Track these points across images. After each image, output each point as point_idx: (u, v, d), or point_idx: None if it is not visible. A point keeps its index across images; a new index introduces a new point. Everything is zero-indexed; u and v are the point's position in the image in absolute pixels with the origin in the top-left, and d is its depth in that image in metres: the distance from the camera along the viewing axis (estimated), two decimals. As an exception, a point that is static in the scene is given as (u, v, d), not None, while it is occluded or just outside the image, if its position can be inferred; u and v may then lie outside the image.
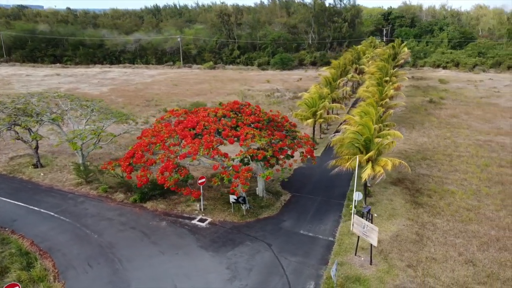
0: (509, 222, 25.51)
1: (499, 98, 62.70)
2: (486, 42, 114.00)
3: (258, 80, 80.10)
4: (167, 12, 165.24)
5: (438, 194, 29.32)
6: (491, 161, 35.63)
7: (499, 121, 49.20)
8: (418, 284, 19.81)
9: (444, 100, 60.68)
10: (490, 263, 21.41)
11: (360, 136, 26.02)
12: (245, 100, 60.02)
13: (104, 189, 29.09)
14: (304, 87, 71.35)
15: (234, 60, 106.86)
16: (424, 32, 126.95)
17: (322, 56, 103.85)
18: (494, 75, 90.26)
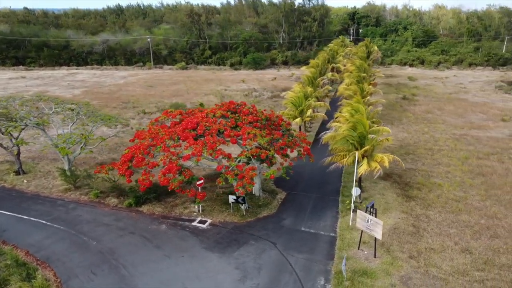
0: (495, 211, 26.88)
1: (466, 94, 65.70)
2: (448, 41, 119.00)
3: (233, 80, 79.99)
4: (131, 12, 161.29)
5: (426, 187, 30.45)
6: (470, 153, 37.36)
7: (470, 116, 51.58)
8: (422, 274, 20.55)
9: (417, 96, 62.92)
10: (485, 251, 22.52)
11: (354, 132, 26.60)
12: (223, 100, 59.96)
13: (96, 194, 28.27)
14: (280, 86, 72.05)
15: (206, 60, 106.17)
16: (390, 31, 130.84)
17: (294, 55, 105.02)
18: (458, 72, 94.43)
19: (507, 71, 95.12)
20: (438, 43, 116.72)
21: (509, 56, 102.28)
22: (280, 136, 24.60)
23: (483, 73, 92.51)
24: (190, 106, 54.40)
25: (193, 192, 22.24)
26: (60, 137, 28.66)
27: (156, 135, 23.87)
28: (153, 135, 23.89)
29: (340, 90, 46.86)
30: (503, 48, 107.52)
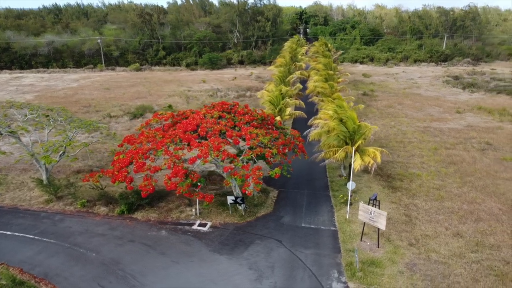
0: (474, 196, 28.91)
1: (419, 89, 69.70)
2: (393, 39, 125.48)
3: (193, 81, 78.92)
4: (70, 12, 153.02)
5: (407, 178, 32.06)
6: (438, 144, 39.78)
7: (428, 109, 54.83)
8: (424, 259, 21.69)
9: (375, 92, 65.76)
10: (474, 233, 24.19)
11: (344, 128, 27.43)
12: (189, 100, 59.16)
13: (82, 204, 26.84)
14: (243, 85, 72.19)
15: (160, 61, 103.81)
16: (338, 30, 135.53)
17: (249, 54, 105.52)
18: (405, 68, 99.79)
19: (448, 66, 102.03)
20: (384, 41, 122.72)
21: (449, 53, 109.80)
22: (277, 135, 24.77)
23: (428, 68, 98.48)
24: (157, 108, 53.16)
25: (201, 195, 21.80)
26: (43, 145, 26.80)
27: (154, 138, 23.10)
28: (151, 139, 23.10)
29: (310, 87, 47.88)
30: (443, 45, 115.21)
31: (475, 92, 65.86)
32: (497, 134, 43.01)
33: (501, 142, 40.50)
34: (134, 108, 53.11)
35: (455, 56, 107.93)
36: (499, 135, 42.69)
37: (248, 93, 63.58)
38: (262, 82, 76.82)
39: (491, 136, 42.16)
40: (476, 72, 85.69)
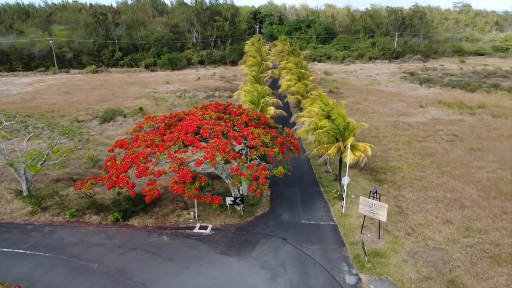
0: (453, 185, 30.72)
1: (380, 85, 72.62)
2: (347, 37, 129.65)
3: (156, 82, 77.11)
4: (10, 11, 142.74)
5: (390, 171, 33.43)
6: (410, 138, 41.76)
7: (392, 104, 57.30)
8: (423, 247, 22.81)
9: (340, 90, 67.67)
10: (462, 220, 25.74)
11: (334, 124, 28.13)
12: (158, 102, 57.87)
13: (72, 214, 25.53)
14: (210, 85, 71.60)
15: (117, 62, 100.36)
16: (294, 29, 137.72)
17: (209, 54, 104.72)
18: (362, 65, 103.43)
19: (401, 63, 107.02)
20: (339, 40, 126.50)
21: (400, 50, 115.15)
22: (275, 134, 24.93)
23: (383, 65, 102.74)
24: (127, 111, 51.61)
25: (210, 197, 21.49)
26: (27, 154, 25.13)
27: (152, 142, 22.44)
28: (149, 143, 22.41)
29: (283, 87, 48.45)
30: (395, 43, 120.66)
31: (432, 87, 69.69)
32: (460, 126, 45.85)
33: (465, 134, 43.23)
34: (101, 111, 51.09)
35: (406, 53, 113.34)
36: (462, 127, 45.53)
37: (217, 93, 63.17)
38: (227, 82, 76.65)
39: (455, 128, 44.87)
40: (428, 68, 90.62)
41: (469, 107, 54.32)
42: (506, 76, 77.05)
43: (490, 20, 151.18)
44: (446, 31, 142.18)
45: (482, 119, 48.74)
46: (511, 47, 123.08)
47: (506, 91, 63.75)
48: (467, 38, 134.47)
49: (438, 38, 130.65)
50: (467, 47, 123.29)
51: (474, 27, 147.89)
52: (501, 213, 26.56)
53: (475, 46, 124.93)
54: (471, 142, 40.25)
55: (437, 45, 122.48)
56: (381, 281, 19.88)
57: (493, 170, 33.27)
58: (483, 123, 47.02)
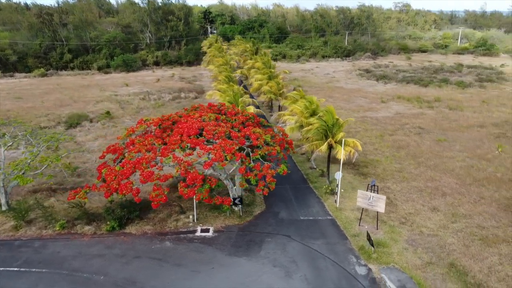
0: (431, 174, 32.56)
1: (339, 82, 75.00)
2: (299, 37, 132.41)
3: (114, 84, 74.33)
4: None
5: (370, 164, 34.75)
6: (380, 132, 43.63)
7: (356, 100, 59.44)
8: (418, 234, 24.06)
9: (303, 88, 68.92)
10: (447, 206, 27.40)
11: (324, 122, 28.84)
12: (123, 105, 55.98)
13: (62, 225, 24.12)
14: (172, 87, 70.19)
15: (67, 64, 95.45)
16: (247, 29, 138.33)
17: (164, 55, 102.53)
18: (317, 64, 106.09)
19: (353, 60, 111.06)
20: (292, 39, 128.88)
21: (351, 48, 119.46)
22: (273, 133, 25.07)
23: (337, 63, 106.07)
24: (93, 116, 49.45)
25: (220, 199, 21.21)
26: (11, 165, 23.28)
27: (152, 146, 21.75)
28: (149, 147, 21.70)
29: (254, 86, 48.70)
30: (345, 41, 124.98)
31: (388, 83, 73.10)
32: (423, 119, 48.58)
33: (429, 126, 45.89)
34: (64, 117, 48.48)
35: (357, 51, 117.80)
36: (425, 120, 48.28)
37: (182, 94, 62.10)
38: (189, 83, 75.56)
39: (419, 121, 47.49)
40: (380, 65, 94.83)
41: (426, 101, 57.66)
42: (452, 71, 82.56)
43: (428, 19, 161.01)
44: (390, 29, 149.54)
45: (440, 112, 51.96)
46: (449, 44, 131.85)
47: (455, 85, 68.36)
48: (410, 36, 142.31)
49: (384, 37, 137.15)
50: (411, 45, 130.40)
51: (415, 26, 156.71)
52: (479, 198, 28.59)
53: (417, 43, 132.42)
54: (436, 134, 42.80)
55: (384, 43, 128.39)
56: (389, 269, 20.74)
57: (463, 159, 35.65)
58: (443, 115, 50.16)
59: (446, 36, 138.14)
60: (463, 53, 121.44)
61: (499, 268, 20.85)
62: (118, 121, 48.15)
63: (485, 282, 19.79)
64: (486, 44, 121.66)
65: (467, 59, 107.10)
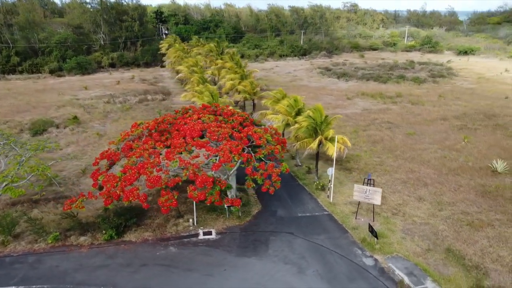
0: (410, 166, 34.24)
1: (302, 81, 76.46)
2: (255, 36, 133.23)
3: (72, 88, 70.87)
4: None
5: (352, 159, 35.89)
6: (354, 127, 45.12)
7: (322, 98, 60.89)
8: (412, 224, 25.32)
9: (269, 86, 69.57)
10: (431, 196, 29.00)
11: (313, 120, 29.47)
12: (88, 110, 53.73)
13: (55, 237, 22.85)
14: (136, 89, 68.18)
15: (15, 68, 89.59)
16: (202, 29, 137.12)
17: (120, 56, 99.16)
18: (276, 63, 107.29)
19: (310, 59, 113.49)
20: (248, 39, 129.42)
21: (306, 47, 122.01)
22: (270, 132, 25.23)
23: (295, 62, 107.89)
24: (59, 121, 47.02)
25: (230, 200, 21.02)
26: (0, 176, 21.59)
27: (154, 150, 21.17)
28: (152, 151, 21.09)
29: (227, 86, 48.56)
30: (301, 41, 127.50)
31: (349, 80, 75.56)
32: (390, 114, 50.84)
33: (396, 120, 48.11)
34: (27, 123, 45.70)
35: (312, 50, 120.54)
36: (392, 115, 50.54)
37: (149, 96, 60.53)
38: (151, 84, 73.73)
39: (387, 116, 49.64)
40: (338, 63, 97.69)
41: (389, 97, 60.31)
42: (406, 68, 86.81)
43: (376, 18, 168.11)
44: (341, 28, 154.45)
45: (404, 107, 54.61)
46: (397, 42, 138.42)
47: (411, 81, 72.05)
48: (360, 35, 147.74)
49: (337, 35, 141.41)
50: (362, 43, 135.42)
51: (364, 25, 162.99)
52: (458, 186, 30.50)
53: (368, 42, 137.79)
54: (405, 128, 44.97)
55: (337, 42, 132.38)
56: (394, 258, 21.67)
57: (435, 150, 37.79)
58: (407, 110, 52.77)
59: (393, 34, 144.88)
60: (411, 50, 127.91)
61: (491, 250, 22.44)
62: (86, 126, 46.13)
63: (481, 264, 21.23)
64: (431, 42, 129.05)
65: (415, 56, 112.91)
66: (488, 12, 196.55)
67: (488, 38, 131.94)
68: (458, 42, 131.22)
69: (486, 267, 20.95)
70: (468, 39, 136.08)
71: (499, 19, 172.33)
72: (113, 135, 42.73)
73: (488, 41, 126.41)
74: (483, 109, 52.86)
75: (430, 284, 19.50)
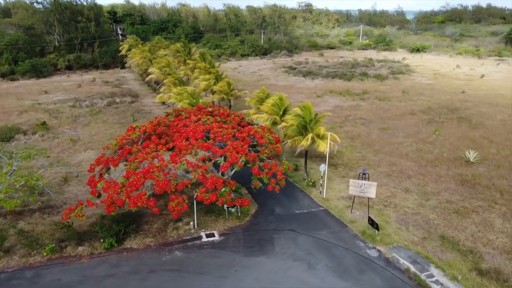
0: (391, 160, 35.65)
1: (269, 80, 77.13)
2: (215, 36, 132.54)
3: (30, 92, 67.12)
4: None
5: (335, 155, 36.66)
6: (330, 124, 46.13)
7: (293, 96, 61.44)
8: (404, 214, 26.47)
9: (238, 86, 69.55)
10: (415, 187, 30.41)
11: (302, 118, 29.97)
12: (54, 114, 51.30)
13: (52, 249, 21.72)
14: (101, 92, 65.88)
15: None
16: (160, 29, 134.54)
17: (77, 58, 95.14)
18: (238, 62, 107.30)
19: (271, 58, 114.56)
20: (208, 39, 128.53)
21: (267, 47, 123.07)
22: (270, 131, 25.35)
23: (257, 62, 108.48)
24: (26, 128, 44.57)
25: (240, 200, 20.91)
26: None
27: (157, 154, 20.68)
28: (155, 155, 20.58)
29: (202, 86, 48.10)
30: (261, 40, 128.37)
31: (315, 78, 77.17)
32: (361, 110, 52.55)
33: (368, 116, 49.83)
34: (-4, 128, 42.95)
35: (273, 49, 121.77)
36: (363, 111, 52.27)
37: (117, 99, 58.60)
38: (116, 87, 71.46)
39: (359, 113, 51.28)
40: (301, 62, 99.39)
41: (356, 94, 62.28)
42: (366, 65, 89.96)
43: (331, 17, 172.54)
44: (298, 28, 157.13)
45: (373, 103, 56.65)
46: (353, 41, 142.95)
47: (374, 78, 74.81)
48: (317, 34, 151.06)
49: (295, 35, 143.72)
50: (320, 42, 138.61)
51: (320, 24, 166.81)
52: (438, 176, 32.18)
53: (326, 41, 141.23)
54: (378, 123, 46.70)
55: (296, 41, 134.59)
56: (396, 248, 22.57)
57: (410, 144, 39.58)
58: (376, 106, 54.78)
59: (348, 33, 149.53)
60: (367, 48, 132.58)
61: (480, 235, 23.95)
62: (56, 131, 43.98)
63: (474, 248, 22.62)
64: (385, 40, 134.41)
65: (371, 54, 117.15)
66: (432, 12, 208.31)
67: (436, 36, 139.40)
68: (409, 40, 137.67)
69: (479, 251, 22.34)
70: (418, 37, 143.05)
71: (443, 18, 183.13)
72: (87, 140, 41.19)
73: (437, 39, 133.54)
74: (445, 103, 55.94)
75: (434, 270, 20.52)
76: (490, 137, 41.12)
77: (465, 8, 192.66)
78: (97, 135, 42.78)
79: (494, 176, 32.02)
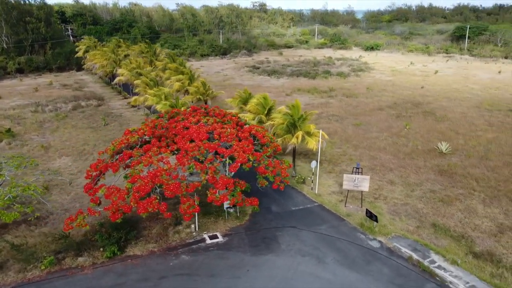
0: (371, 154, 36.94)
1: (235, 79, 77.16)
2: (172, 36, 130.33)
3: (-17, 97, 62.88)
4: None
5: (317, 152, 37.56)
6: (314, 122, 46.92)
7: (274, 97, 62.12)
8: (394, 205, 27.65)
9: (205, 87, 69.04)
10: (399, 179, 31.79)
11: (291, 117, 30.42)
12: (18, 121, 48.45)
13: (51, 262, 20.61)
14: (62, 95, 62.88)
15: None
16: (114, 30, 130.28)
17: (29, 61, 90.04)
18: (199, 63, 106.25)
19: (231, 58, 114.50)
20: (166, 39, 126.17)
21: (226, 47, 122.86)
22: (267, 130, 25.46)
23: (217, 61, 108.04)
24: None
25: (250, 200, 20.82)
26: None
27: (162, 157, 20.18)
28: (160, 158, 20.06)
29: (175, 87, 47.35)
30: (220, 40, 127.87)
31: (280, 77, 78.12)
32: (332, 107, 53.96)
33: (340, 113, 51.27)
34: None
35: (232, 49, 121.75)
36: (334, 108, 53.70)
37: (82, 103, 56.17)
38: (77, 90, 68.48)
39: (330, 110, 52.62)
40: (263, 62, 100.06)
41: (323, 91, 63.81)
42: (327, 64, 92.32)
43: (286, 17, 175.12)
44: (254, 27, 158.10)
45: (341, 100, 58.32)
46: (309, 40, 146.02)
47: (337, 76, 76.97)
48: (274, 33, 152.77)
49: (253, 34, 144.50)
50: (277, 41, 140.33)
51: (276, 24, 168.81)
52: (417, 168, 33.84)
53: (283, 40, 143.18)
54: (351, 119, 48.20)
55: (254, 40, 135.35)
56: (395, 238, 23.54)
57: (385, 138, 41.24)
58: (345, 103, 56.46)
59: (304, 32, 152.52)
60: (323, 47, 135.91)
61: (467, 221, 25.52)
62: (23, 138, 41.51)
63: (465, 233, 24.08)
64: (340, 39, 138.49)
65: (328, 53, 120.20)
66: (379, 11, 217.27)
67: (387, 35, 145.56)
68: (362, 39, 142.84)
69: (470, 236, 23.82)
70: (370, 36, 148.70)
71: (390, 17, 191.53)
72: (59, 146, 39.28)
73: (388, 38, 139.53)
74: (408, 98, 58.73)
75: (435, 256, 21.65)
76: (455, 129, 43.76)
77: (409, 8, 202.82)
78: (69, 140, 40.85)
79: (467, 165, 34.16)
